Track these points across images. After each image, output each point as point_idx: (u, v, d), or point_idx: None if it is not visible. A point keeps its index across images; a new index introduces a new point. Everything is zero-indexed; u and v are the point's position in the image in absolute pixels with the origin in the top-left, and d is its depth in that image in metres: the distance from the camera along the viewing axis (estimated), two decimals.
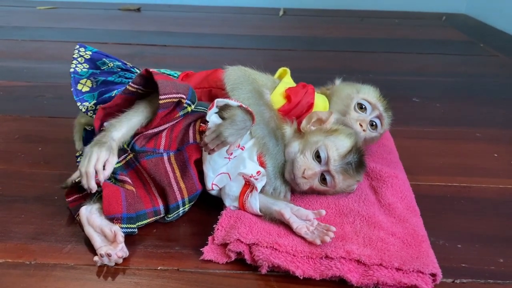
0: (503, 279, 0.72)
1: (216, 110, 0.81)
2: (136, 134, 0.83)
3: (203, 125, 0.82)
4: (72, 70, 0.93)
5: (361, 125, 0.96)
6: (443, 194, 0.95)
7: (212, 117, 0.80)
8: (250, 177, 0.80)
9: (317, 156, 0.82)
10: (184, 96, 0.81)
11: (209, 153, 0.79)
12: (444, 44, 2.22)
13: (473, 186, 0.98)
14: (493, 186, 0.98)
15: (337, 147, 0.82)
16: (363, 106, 0.98)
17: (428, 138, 1.20)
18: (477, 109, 1.42)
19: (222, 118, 0.80)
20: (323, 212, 0.77)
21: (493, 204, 0.92)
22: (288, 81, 0.99)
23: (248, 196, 0.80)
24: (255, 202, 0.80)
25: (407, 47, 2.13)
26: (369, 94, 0.99)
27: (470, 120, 1.33)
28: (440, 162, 1.08)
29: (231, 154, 0.81)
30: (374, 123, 0.99)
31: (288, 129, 0.90)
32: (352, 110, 0.97)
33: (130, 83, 0.82)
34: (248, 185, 0.81)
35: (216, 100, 0.81)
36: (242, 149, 0.82)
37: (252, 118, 0.80)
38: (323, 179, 0.83)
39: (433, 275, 0.69)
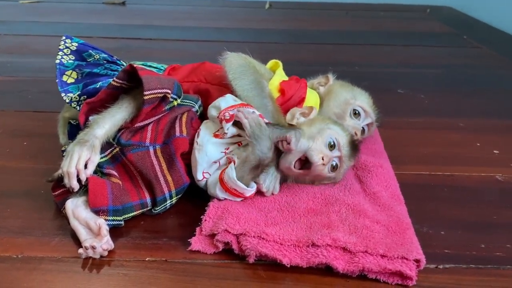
0: (484, 263, 0.74)
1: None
2: (121, 128, 0.83)
3: (220, 133, 0.83)
4: (58, 61, 0.92)
5: (356, 134, 0.97)
6: (427, 183, 0.96)
7: (230, 128, 0.81)
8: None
9: (328, 143, 0.84)
10: (169, 91, 0.81)
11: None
12: (428, 36, 2.24)
13: (456, 175, 1.00)
14: (475, 175, 1.00)
15: (343, 134, 0.86)
16: (357, 112, 1.00)
17: (413, 128, 1.22)
18: (460, 99, 1.44)
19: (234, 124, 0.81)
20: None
21: (475, 191, 0.94)
22: (281, 74, 1.00)
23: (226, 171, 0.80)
24: (231, 171, 0.79)
25: (392, 40, 2.15)
26: (365, 101, 1.01)
27: (453, 110, 1.35)
28: (424, 151, 1.09)
29: (227, 149, 0.82)
30: (363, 130, 1.01)
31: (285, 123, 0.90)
32: (348, 116, 0.99)
33: (114, 79, 0.82)
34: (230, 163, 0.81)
35: (237, 113, 0.80)
36: (239, 145, 0.83)
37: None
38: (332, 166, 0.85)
39: (417, 261, 0.70)
